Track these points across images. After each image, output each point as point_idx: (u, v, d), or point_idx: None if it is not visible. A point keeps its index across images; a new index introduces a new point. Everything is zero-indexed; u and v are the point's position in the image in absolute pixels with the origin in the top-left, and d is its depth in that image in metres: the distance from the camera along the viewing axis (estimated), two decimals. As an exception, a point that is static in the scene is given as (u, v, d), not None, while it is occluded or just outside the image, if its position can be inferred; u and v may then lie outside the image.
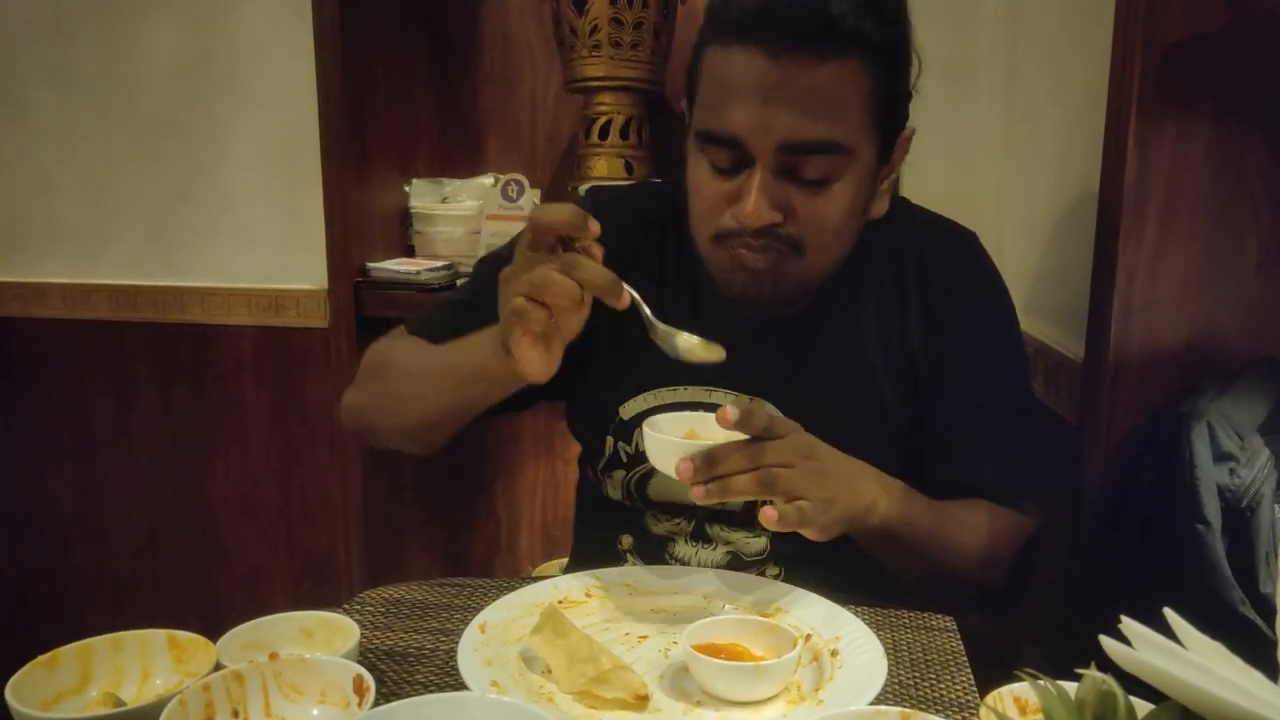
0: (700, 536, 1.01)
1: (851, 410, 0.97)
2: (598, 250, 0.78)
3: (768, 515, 0.76)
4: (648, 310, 0.81)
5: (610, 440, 1.02)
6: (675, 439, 0.81)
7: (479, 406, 0.95)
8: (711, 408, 0.97)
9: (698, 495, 0.77)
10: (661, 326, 0.82)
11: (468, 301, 1.06)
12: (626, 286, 0.78)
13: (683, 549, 1.01)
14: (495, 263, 1.05)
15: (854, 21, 0.80)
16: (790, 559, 1.00)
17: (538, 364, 0.80)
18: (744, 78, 0.82)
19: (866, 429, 0.96)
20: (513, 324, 0.78)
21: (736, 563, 1.00)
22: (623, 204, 1.07)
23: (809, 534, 0.81)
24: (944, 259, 0.98)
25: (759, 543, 1.00)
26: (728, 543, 1.00)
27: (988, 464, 0.96)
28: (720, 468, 0.76)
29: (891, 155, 0.91)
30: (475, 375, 0.90)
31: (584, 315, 0.79)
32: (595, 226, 0.77)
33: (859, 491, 0.85)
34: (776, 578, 0.98)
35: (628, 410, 1.01)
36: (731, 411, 0.76)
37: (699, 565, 0.99)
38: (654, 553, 1.02)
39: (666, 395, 1.00)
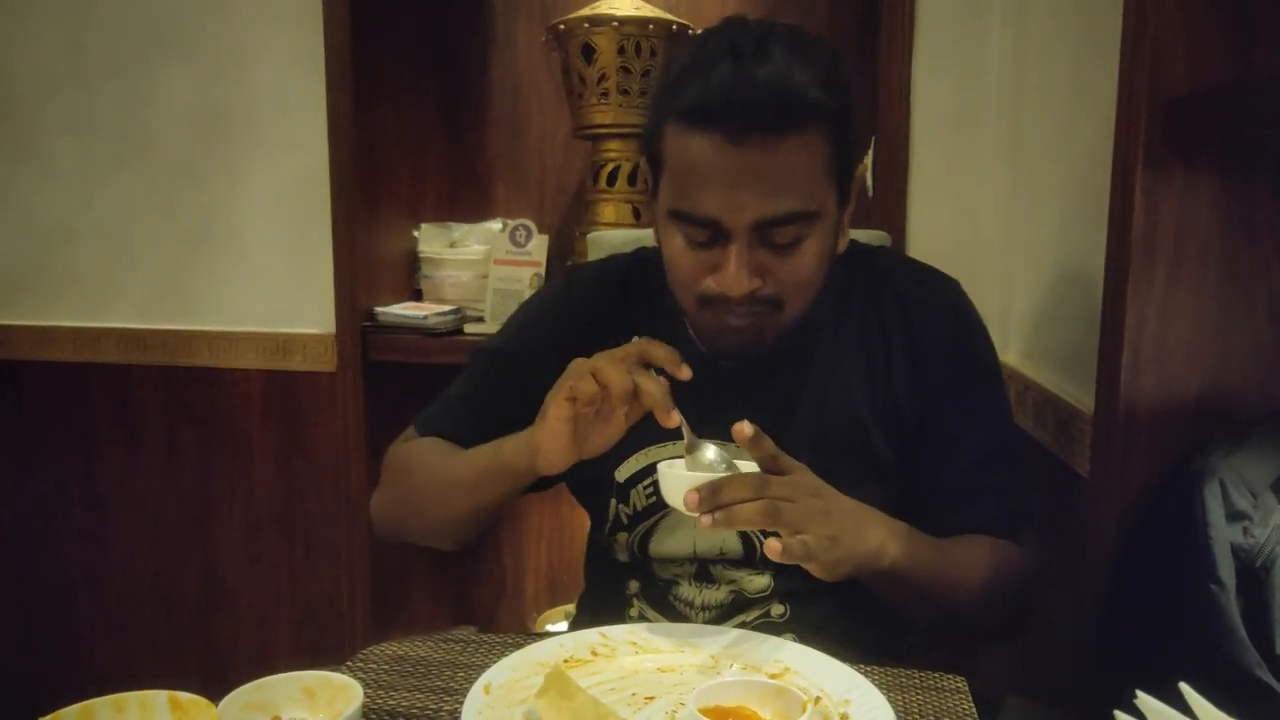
0: (704, 577, 1.02)
1: (839, 454, 0.98)
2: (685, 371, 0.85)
3: (772, 547, 0.78)
4: (689, 433, 0.86)
5: (613, 504, 1.04)
6: (684, 473, 0.83)
7: (502, 502, 1.00)
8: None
9: (705, 524, 0.78)
10: (698, 444, 0.86)
11: (468, 395, 1.10)
12: (676, 410, 0.84)
13: (687, 590, 1.02)
14: (489, 355, 1.11)
15: (809, 97, 0.84)
16: (795, 596, 1.01)
17: (560, 441, 0.87)
18: (712, 164, 0.85)
19: (855, 472, 0.97)
20: (561, 394, 0.84)
21: (740, 600, 1.01)
22: (596, 279, 1.10)
23: (815, 571, 0.82)
24: (928, 306, 1.01)
25: (762, 580, 1.01)
26: (730, 581, 1.01)
27: (983, 505, 0.98)
28: (724, 496, 0.78)
29: (849, 195, 0.95)
30: (496, 472, 0.96)
31: (619, 429, 0.88)
32: (688, 372, 0.85)
33: (864, 535, 0.86)
34: (782, 616, 1.00)
35: (622, 473, 1.03)
36: (748, 426, 0.80)
37: (703, 604, 1.01)
38: (659, 595, 1.04)
39: (657, 452, 1.02)
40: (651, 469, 1.01)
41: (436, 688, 0.80)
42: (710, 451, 0.85)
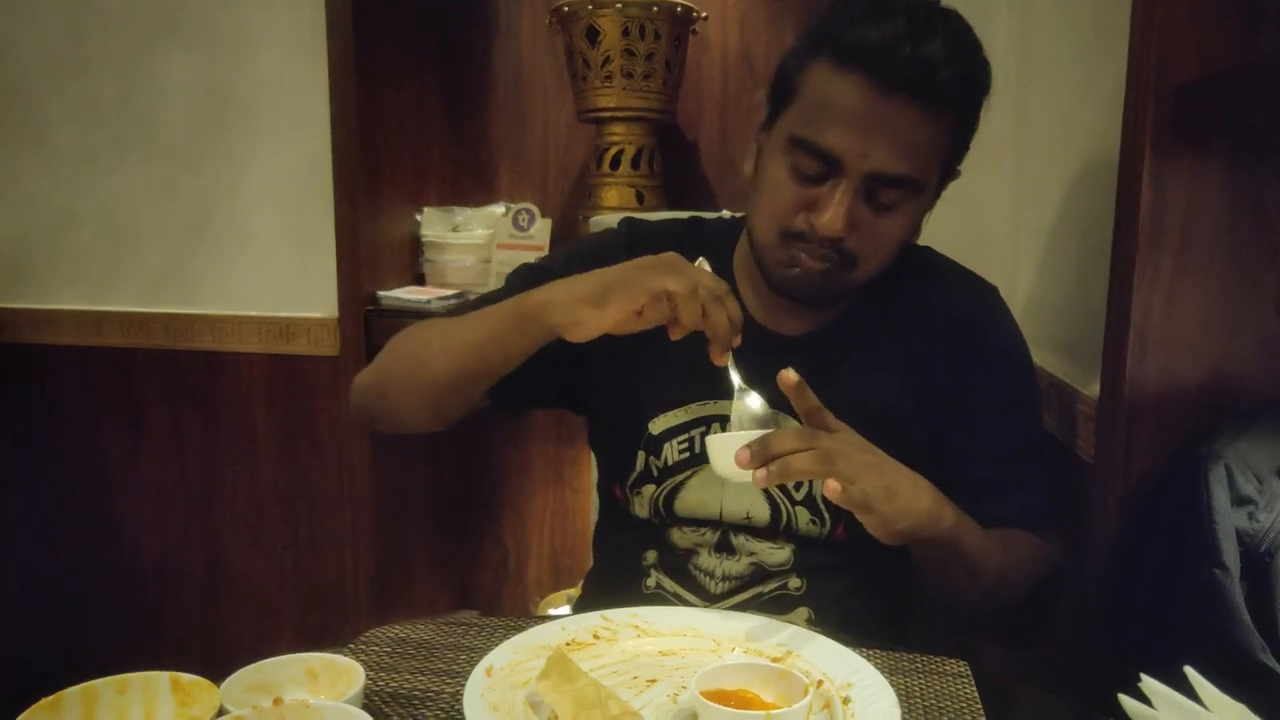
0: (724, 548, 1.03)
1: (873, 427, 0.98)
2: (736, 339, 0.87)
3: (832, 486, 0.79)
4: (738, 378, 0.89)
5: (642, 455, 1.05)
6: (733, 434, 0.83)
7: (503, 364, 0.96)
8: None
9: (760, 479, 0.79)
10: (746, 390, 0.89)
11: (497, 298, 1.06)
12: (730, 353, 0.86)
13: (707, 560, 1.03)
14: (529, 269, 1.10)
15: (960, 84, 0.89)
16: (813, 571, 1.02)
17: (603, 329, 0.86)
18: (855, 105, 0.88)
19: (888, 446, 0.98)
20: (632, 304, 0.84)
21: (760, 573, 1.02)
22: (655, 233, 1.12)
23: (873, 525, 0.83)
24: (969, 308, 1.05)
25: (783, 554, 1.02)
26: (751, 553, 1.02)
27: (1011, 498, 1.00)
28: (776, 448, 0.80)
29: (941, 190, 1.01)
30: (513, 320, 0.93)
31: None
32: (738, 340, 0.88)
33: (919, 493, 0.87)
34: (798, 590, 1.02)
35: (657, 425, 1.05)
36: (792, 373, 0.83)
37: (723, 575, 1.02)
38: (678, 566, 1.04)
39: (695, 410, 1.04)
40: (688, 425, 1.03)
41: (439, 670, 0.80)
42: (755, 401, 0.88)
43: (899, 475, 0.86)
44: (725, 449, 0.82)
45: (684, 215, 1.16)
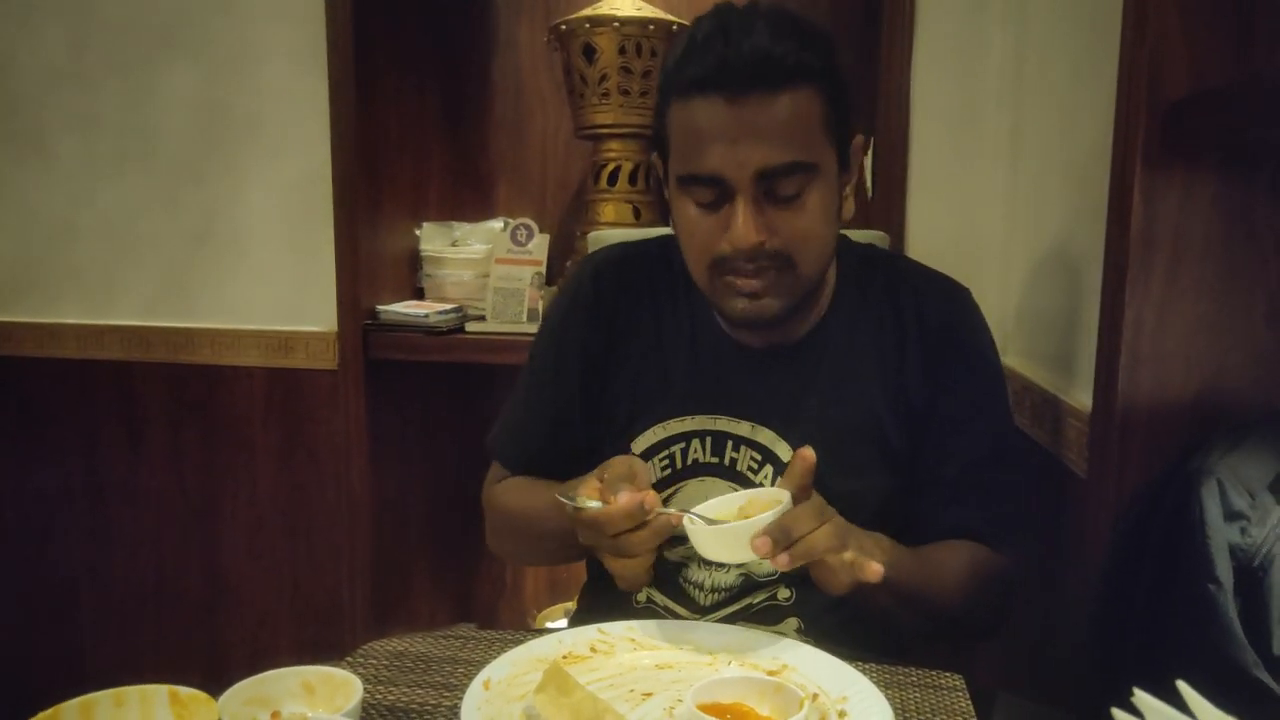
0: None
1: (853, 441, 1.01)
2: (652, 498, 0.85)
3: (875, 569, 0.81)
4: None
5: None
6: (733, 524, 0.84)
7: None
8: (719, 457, 1.02)
9: (782, 564, 0.80)
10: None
11: (524, 416, 1.14)
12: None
13: (697, 573, 1.04)
14: (539, 341, 1.13)
15: (794, 58, 0.89)
16: (801, 580, 1.01)
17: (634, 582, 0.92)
18: (712, 123, 0.91)
19: (867, 456, 1.00)
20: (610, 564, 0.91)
21: (749, 583, 1.02)
22: (621, 262, 1.13)
23: (841, 586, 0.84)
24: (941, 311, 1.05)
25: (770, 564, 1.01)
26: (739, 564, 1.02)
27: (974, 506, 1.01)
28: (797, 531, 0.81)
29: (849, 163, 1.00)
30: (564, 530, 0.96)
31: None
32: (651, 503, 0.85)
33: (867, 545, 0.88)
34: (788, 600, 1.02)
35: (639, 445, 1.05)
36: (811, 453, 0.84)
37: (712, 587, 1.03)
38: (668, 579, 1.05)
39: (674, 426, 1.04)
40: (667, 442, 1.04)
41: (436, 683, 0.81)
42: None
43: (861, 534, 0.88)
44: (721, 540, 0.83)
45: (656, 233, 1.17)
